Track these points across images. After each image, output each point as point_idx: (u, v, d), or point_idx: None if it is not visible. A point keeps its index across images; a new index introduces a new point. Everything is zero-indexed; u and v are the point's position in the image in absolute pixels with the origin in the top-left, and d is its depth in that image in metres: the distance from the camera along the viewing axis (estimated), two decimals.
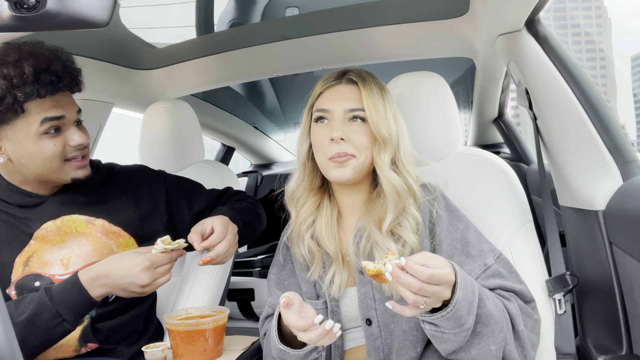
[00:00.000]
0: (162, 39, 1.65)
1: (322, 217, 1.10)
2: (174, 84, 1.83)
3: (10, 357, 0.48)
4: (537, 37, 1.12)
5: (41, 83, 1.04)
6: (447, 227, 1.02)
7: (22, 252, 1.13)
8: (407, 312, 0.82)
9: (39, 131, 1.06)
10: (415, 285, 0.77)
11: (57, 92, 1.09)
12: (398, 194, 1.01)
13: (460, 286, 0.81)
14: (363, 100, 1.03)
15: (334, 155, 1.01)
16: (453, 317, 0.81)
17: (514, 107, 2.41)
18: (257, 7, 1.53)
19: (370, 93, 1.03)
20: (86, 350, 1.12)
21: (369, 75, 1.08)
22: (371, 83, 1.05)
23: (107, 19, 0.48)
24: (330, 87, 1.07)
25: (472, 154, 1.26)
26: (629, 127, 79.15)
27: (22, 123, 1.06)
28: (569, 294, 1.06)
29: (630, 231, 0.90)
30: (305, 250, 1.08)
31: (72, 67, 1.13)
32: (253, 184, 2.72)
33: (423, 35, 1.51)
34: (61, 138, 1.10)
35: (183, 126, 1.57)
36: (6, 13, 0.45)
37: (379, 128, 1.01)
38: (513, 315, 0.94)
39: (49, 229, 1.15)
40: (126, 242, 1.20)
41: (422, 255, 0.81)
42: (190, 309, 1.16)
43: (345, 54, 1.64)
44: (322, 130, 1.04)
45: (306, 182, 1.11)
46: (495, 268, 0.99)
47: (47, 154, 1.08)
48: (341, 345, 1.07)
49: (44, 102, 1.07)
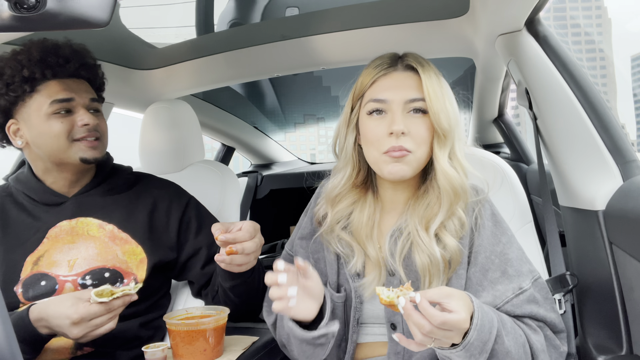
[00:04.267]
0: (162, 39, 1.65)
1: (363, 213, 1.02)
2: (174, 84, 1.83)
3: (10, 357, 0.48)
4: (537, 37, 1.12)
5: (47, 64, 1.12)
6: (489, 239, 0.95)
7: (34, 252, 1.15)
8: (413, 347, 0.79)
9: (49, 111, 1.12)
10: (425, 327, 0.74)
11: (64, 76, 1.14)
12: (455, 193, 0.94)
13: (475, 327, 0.78)
14: (424, 89, 0.94)
15: (389, 149, 0.93)
16: (464, 355, 0.79)
17: (514, 107, 2.40)
18: (257, 7, 1.53)
19: (431, 80, 0.95)
20: (82, 353, 1.12)
21: (426, 60, 0.99)
22: (430, 69, 0.97)
23: (107, 19, 0.48)
24: (385, 74, 0.98)
25: (472, 154, 1.26)
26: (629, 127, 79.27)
27: (33, 104, 1.13)
28: (569, 294, 1.06)
29: (630, 231, 0.90)
30: (340, 246, 1.02)
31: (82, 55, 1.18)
32: (253, 184, 2.72)
33: (423, 35, 1.50)
34: (70, 119, 1.14)
35: (183, 126, 1.57)
36: (6, 13, 0.45)
37: (439, 120, 0.93)
38: (536, 351, 0.88)
39: (63, 227, 1.18)
40: (133, 250, 1.20)
41: (440, 292, 0.77)
42: (190, 309, 1.16)
43: (345, 54, 1.64)
44: (378, 123, 0.95)
45: (353, 178, 1.03)
46: (530, 293, 0.92)
47: (55, 132, 1.13)
48: (355, 340, 1.02)
49: (53, 85, 1.13)
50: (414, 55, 1.00)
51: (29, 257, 1.15)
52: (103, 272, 1.15)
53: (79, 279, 1.13)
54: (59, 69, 1.13)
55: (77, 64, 1.16)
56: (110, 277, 1.15)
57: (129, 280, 1.17)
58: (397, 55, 1.01)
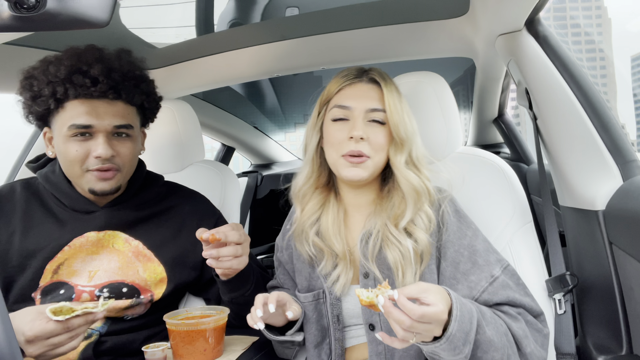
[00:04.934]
0: (162, 39, 1.65)
1: (327, 215, 1.09)
2: (174, 84, 1.83)
3: (10, 357, 0.48)
4: (537, 37, 1.12)
5: (72, 83, 1.05)
6: (455, 233, 1.01)
7: (54, 259, 1.12)
8: (396, 345, 0.81)
9: (68, 133, 1.07)
10: (405, 322, 0.76)
11: (90, 97, 1.06)
12: (417, 193, 1.01)
13: (456, 318, 0.80)
14: (385, 101, 1.02)
15: (348, 152, 1.00)
16: (448, 348, 0.80)
17: (514, 107, 2.40)
18: (257, 7, 1.53)
19: (391, 94, 1.03)
20: None
21: (388, 76, 1.08)
22: (391, 85, 1.06)
23: (107, 19, 0.48)
24: (351, 84, 1.06)
25: (472, 154, 1.26)
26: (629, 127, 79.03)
27: (59, 120, 1.08)
28: (569, 294, 1.06)
29: (630, 231, 0.90)
30: (311, 247, 1.08)
31: (123, 75, 1.09)
32: (253, 184, 2.72)
33: (423, 35, 1.50)
34: (86, 146, 1.08)
35: (183, 126, 1.57)
36: (6, 13, 0.45)
37: (398, 129, 1.01)
38: (519, 338, 0.91)
39: (90, 238, 1.14)
40: (154, 269, 1.18)
41: (417, 287, 0.80)
42: (190, 309, 1.16)
43: (345, 54, 1.64)
44: (340, 127, 1.03)
45: (313, 178, 1.11)
46: (502, 280, 0.97)
47: (69, 157, 1.08)
48: (342, 340, 1.07)
49: (79, 105, 1.06)
50: (378, 70, 1.08)
51: (48, 264, 1.11)
52: (121, 287, 1.13)
53: (96, 290, 1.12)
54: (82, 90, 1.05)
55: (107, 87, 1.06)
56: (128, 292, 1.14)
57: (145, 297, 1.15)
58: (363, 69, 1.09)
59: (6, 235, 1.13)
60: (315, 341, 1.08)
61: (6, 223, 1.14)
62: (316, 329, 1.08)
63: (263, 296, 0.97)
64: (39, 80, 1.06)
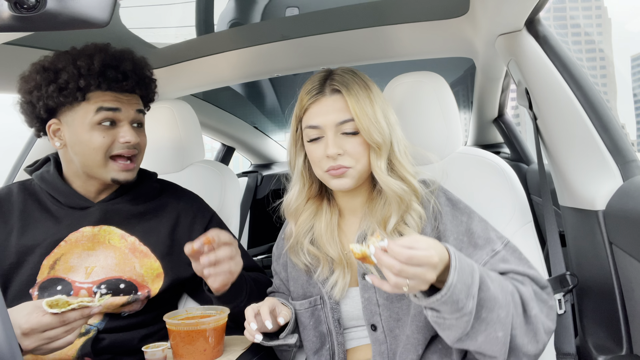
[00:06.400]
0: (162, 39, 1.65)
1: (321, 221, 1.10)
2: (174, 84, 1.83)
3: (10, 357, 0.48)
4: (537, 37, 1.12)
5: (105, 77, 1.11)
6: (451, 222, 1.01)
7: (50, 255, 1.14)
8: (386, 287, 0.80)
9: (94, 120, 1.11)
10: (395, 266, 0.76)
11: (119, 90, 1.14)
12: (400, 197, 1.01)
13: (455, 268, 0.79)
14: (351, 110, 1.00)
15: (329, 169, 1.01)
16: (450, 301, 0.79)
17: (514, 107, 2.40)
18: (257, 7, 1.53)
19: (357, 99, 1.01)
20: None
21: (351, 76, 1.04)
22: (355, 86, 1.02)
23: (107, 19, 0.48)
24: (315, 101, 1.04)
25: (472, 154, 1.26)
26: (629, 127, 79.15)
27: (81, 110, 1.12)
28: (569, 294, 1.06)
29: (630, 231, 0.90)
30: (307, 256, 1.09)
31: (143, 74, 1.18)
32: (253, 184, 2.72)
33: (423, 35, 1.50)
34: (112, 133, 1.13)
35: (183, 126, 1.57)
36: (6, 13, 0.45)
37: (371, 135, 1.00)
38: (526, 299, 0.88)
39: (85, 233, 1.16)
40: (151, 264, 1.19)
41: (409, 238, 0.80)
42: (190, 309, 1.16)
43: (345, 54, 1.64)
44: (317, 146, 1.03)
45: (305, 191, 1.11)
46: (503, 254, 0.96)
47: (95, 145, 1.12)
48: (343, 344, 1.07)
49: (104, 95, 1.12)
50: (340, 75, 1.04)
51: (45, 260, 1.13)
52: (119, 283, 1.14)
53: (94, 287, 1.13)
54: (115, 84, 1.12)
55: (134, 82, 1.15)
56: (125, 288, 1.14)
57: (142, 293, 1.16)
58: (326, 76, 1.06)
59: (4, 234, 1.15)
60: (315, 348, 1.08)
61: (4, 223, 1.16)
62: (314, 335, 1.08)
63: (252, 308, 0.99)
64: (68, 74, 1.09)
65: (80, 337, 1.11)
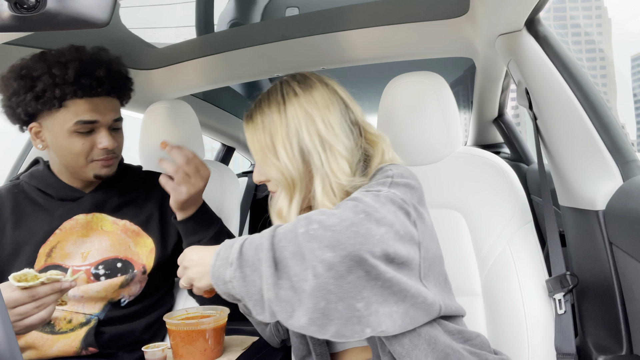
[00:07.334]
0: (162, 39, 1.65)
1: None
2: (174, 84, 1.83)
3: (10, 357, 0.48)
4: (537, 37, 1.12)
5: (80, 85, 1.12)
6: None
7: (46, 243, 1.17)
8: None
9: (72, 129, 1.14)
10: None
11: (95, 96, 1.15)
12: None
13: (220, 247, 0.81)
14: (251, 151, 0.94)
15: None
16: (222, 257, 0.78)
17: (514, 107, 2.41)
18: (257, 7, 1.53)
19: (254, 134, 0.93)
20: (86, 354, 1.13)
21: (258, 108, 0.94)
22: (251, 122, 0.94)
23: (107, 19, 0.48)
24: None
25: (472, 154, 1.26)
26: (629, 127, 79.11)
27: (60, 117, 1.14)
28: (569, 294, 1.06)
29: (630, 231, 0.90)
30: None
31: (118, 75, 1.20)
32: (253, 184, 2.72)
33: (423, 35, 1.50)
34: (91, 139, 1.17)
35: (183, 126, 1.57)
36: (6, 13, 0.45)
37: (268, 175, 0.92)
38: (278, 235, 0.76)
39: (79, 220, 1.20)
40: (144, 242, 1.24)
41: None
42: (190, 309, 1.16)
43: (345, 54, 1.64)
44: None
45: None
46: None
47: (74, 150, 1.15)
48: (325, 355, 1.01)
49: (82, 103, 1.14)
50: (250, 110, 0.96)
51: (41, 248, 1.16)
52: (115, 262, 1.19)
53: (92, 268, 1.17)
54: (90, 90, 1.14)
55: (109, 87, 1.17)
56: (122, 267, 1.19)
57: (137, 270, 1.20)
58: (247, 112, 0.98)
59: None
60: (301, 355, 1.04)
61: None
62: (300, 342, 1.04)
63: None
64: (44, 83, 1.11)
65: (81, 327, 1.13)
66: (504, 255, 1.14)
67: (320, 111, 0.91)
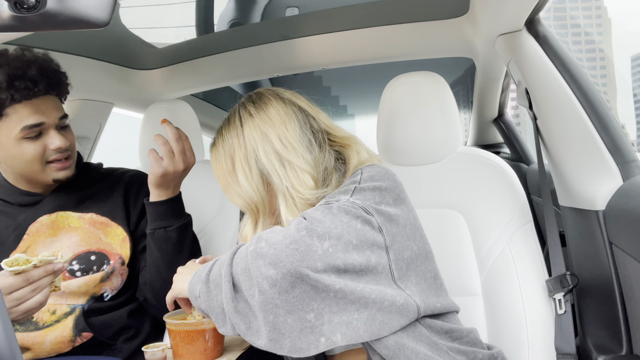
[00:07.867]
0: (162, 39, 1.65)
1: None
2: (174, 84, 1.83)
3: (10, 357, 0.48)
4: (537, 37, 1.12)
5: (16, 89, 1.08)
6: None
7: (16, 249, 1.16)
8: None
9: (19, 136, 1.10)
10: None
11: (34, 97, 1.11)
12: None
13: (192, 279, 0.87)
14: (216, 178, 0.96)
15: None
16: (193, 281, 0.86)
17: (514, 107, 2.41)
18: (257, 7, 1.53)
19: (216, 161, 0.96)
20: (82, 341, 1.13)
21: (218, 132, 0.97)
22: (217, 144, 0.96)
23: (107, 19, 0.48)
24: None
25: (472, 154, 1.27)
26: (629, 127, 78.84)
27: (3, 126, 1.10)
28: (569, 294, 1.06)
29: (630, 231, 0.90)
30: None
31: (50, 71, 1.14)
32: None
33: (423, 35, 1.51)
34: (41, 141, 1.13)
35: (183, 126, 1.57)
36: (6, 13, 0.45)
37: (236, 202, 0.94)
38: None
39: (44, 222, 1.19)
40: (114, 231, 1.22)
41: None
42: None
43: (345, 54, 1.64)
44: None
45: None
46: None
47: (27, 157, 1.12)
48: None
49: (22, 107, 1.10)
50: (214, 137, 0.99)
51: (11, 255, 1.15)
52: (89, 256, 1.18)
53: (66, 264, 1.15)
54: (27, 92, 1.09)
55: (45, 85, 1.12)
56: (97, 259, 1.18)
57: (114, 261, 1.19)
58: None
59: None
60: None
61: None
62: None
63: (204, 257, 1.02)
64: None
65: (66, 316, 1.14)
66: (504, 255, 1.14)
67: (276, 128, 0.92)
